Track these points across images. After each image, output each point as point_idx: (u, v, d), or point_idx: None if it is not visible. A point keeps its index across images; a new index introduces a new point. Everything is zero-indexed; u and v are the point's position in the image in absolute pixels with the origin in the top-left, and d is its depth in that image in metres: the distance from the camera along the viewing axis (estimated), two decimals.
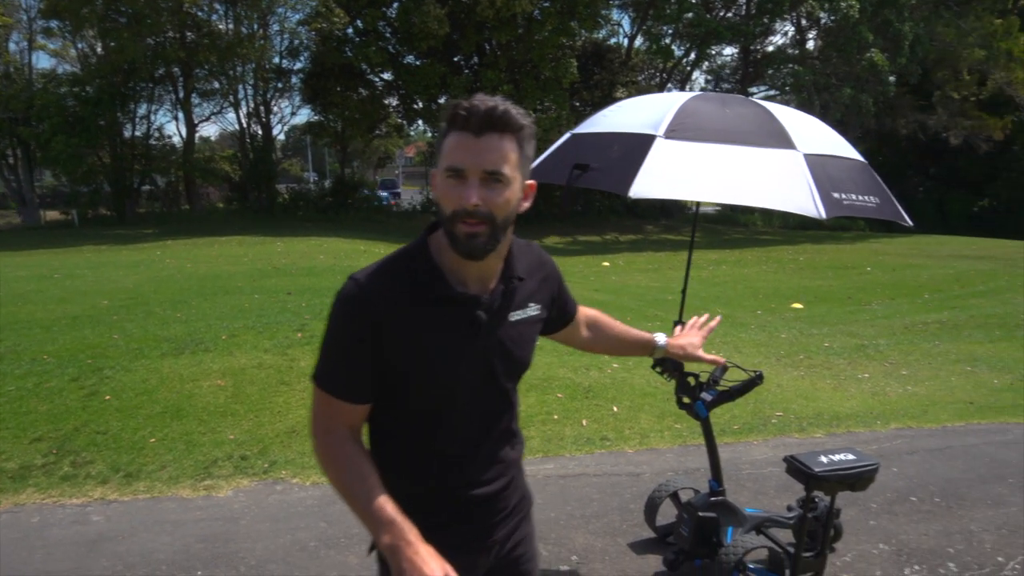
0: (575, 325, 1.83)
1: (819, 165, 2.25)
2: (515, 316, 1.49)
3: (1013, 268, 15.50)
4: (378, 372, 1.40)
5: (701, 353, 2.05)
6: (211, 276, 10.87)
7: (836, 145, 2.46)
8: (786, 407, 5.75)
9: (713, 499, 3.12)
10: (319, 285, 9.81)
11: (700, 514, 3.06)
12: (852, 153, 2.49)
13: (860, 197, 2.28)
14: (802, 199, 2.14)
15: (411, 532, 1.33)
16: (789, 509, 3.42)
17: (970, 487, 4.22)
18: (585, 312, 1.86)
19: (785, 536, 3.17)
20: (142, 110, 25.53)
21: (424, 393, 1.44)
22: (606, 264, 18.03)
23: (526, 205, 1.44)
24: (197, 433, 4.68)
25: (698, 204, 3.07)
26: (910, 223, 2.50)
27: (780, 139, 2.29)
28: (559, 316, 1.73)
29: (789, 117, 2.44)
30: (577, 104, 25.62)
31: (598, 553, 3.33)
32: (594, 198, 28.93)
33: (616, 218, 29.73)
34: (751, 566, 3.00)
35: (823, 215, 2.09)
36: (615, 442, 4.79)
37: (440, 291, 1.39)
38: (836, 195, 2.19)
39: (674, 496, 3.46)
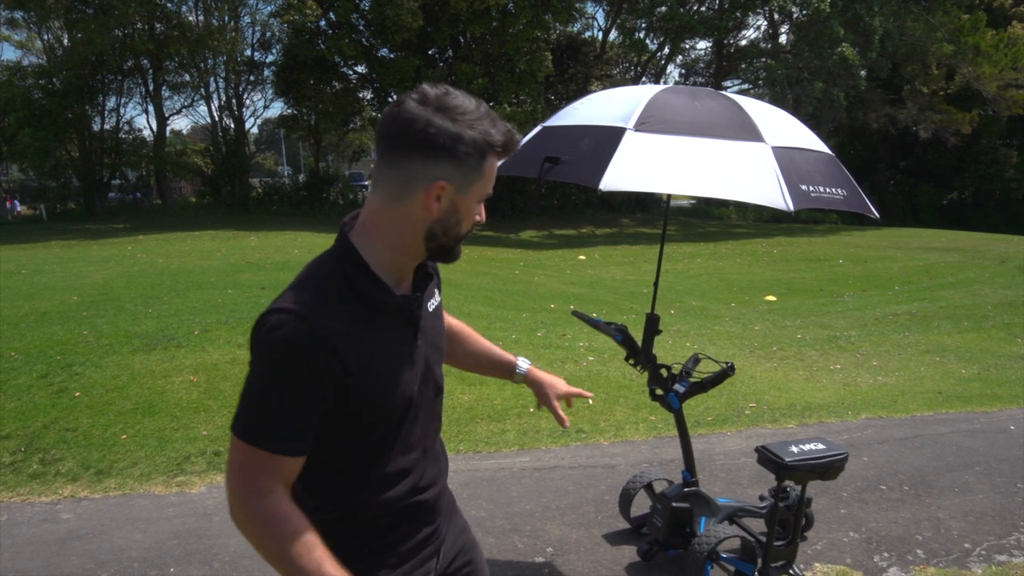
0: (450, 332, 1.76)
1: (787, 158, 2.28)
2: (431, 305, 1.43)
3: (981, 260, 15.81)
4: (333, 408, 1.24)
5: (560, 389, 1.82)
6: (183, 271, 10.73)
7: (804, 138, 2.48)
8: (759, 398, 5.82)
9: (686, 489, 3.15)
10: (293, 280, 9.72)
11: (674, 504, 3.09)
12: (820, 146, 2.52)
13: (828, 189, 2.31)
14: (770, 191, 2.16)
15: None
16: (761, 499, 3.47)
17: (938, 475, 4.30)
18: (454, 323, 1.75)
19: (758, 525, 3.22)
20: (111, 103, 25.16)
21: (384, 410, 1.31)
22: (582, 257, 18.10)
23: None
24: (169, 429, 4.62)
25: (669, 197, 3.10)
26: (876, 215, 2.53)
27: (749, 132, 2.31)
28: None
29: (758, 110, 2.46)
30: (552, 97, 25.63)
31: (573, 544, 3.35)
32: (570, 192, 29.01)
33: (592, 212, 29.84)
34: (724, 555, 3.04)
35: (791, 207, 2.12)
36: (590, 434, 4.82)
37: (384, 299, 1.28)
38: (804, 187, 2.22)
39: (648, 487, 3.48)
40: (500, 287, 11.83)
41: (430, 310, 1.42)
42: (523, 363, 1.82)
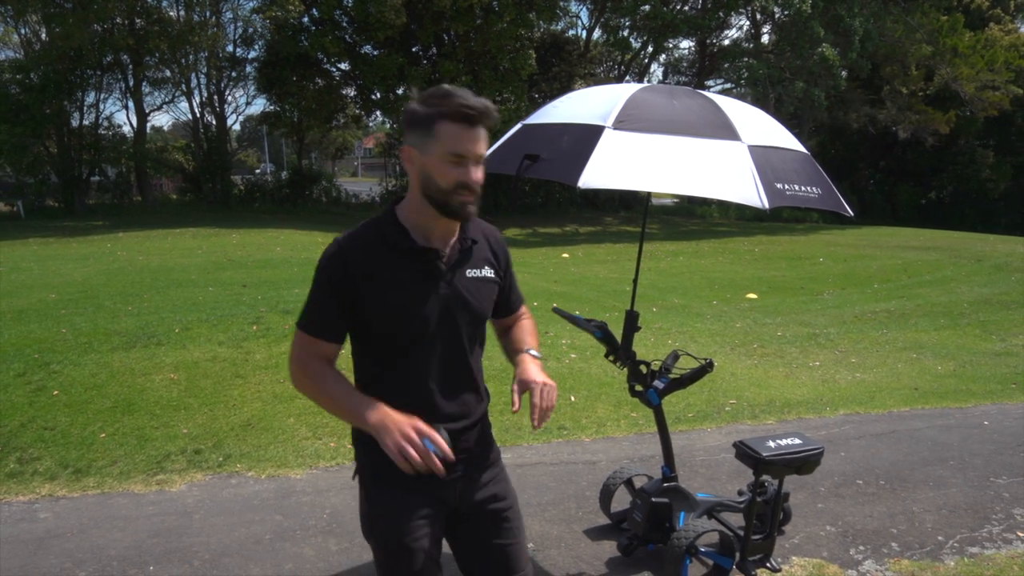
0: (508, 323, 2.02)
1: (763, 156, 2.31)
2: (471, 273, 1.78)
3: (958, 259, 16.02)
4: (355, 313, 1.69)
5: (523, 377, 1.85)
6: (164, 269, 10.64)
7: (780, 137, 2.52)
8: (739, 395, 5.87)
9: (665, 485, 3.18)
10: (275, 277, 9.68)
11: (653, 500, 3.12)
12: (796, 145, 2.55)
13: (803, 188, 2.34)
14: (746, 189, 2.19)
15: (382, 406, 1.62)
16: (740, 494, 3.51)
17: (913, 470, 4.37)
18: (527, 319, 2.05)
19: (736, 520, 3.26)
20: (90, 98, 24.72)
21: (394, 329, 1.71)
22: (565, 255, 18.13)
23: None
24: (149, 427, 4.60)
25: (649, 195, 3.12)
26: (851, 213, 2.57)
27: (725, 131, 2.34)
28: (505, 301, 1.95)
29: (735, 109, 2.49)
30: (536, 96, 25.61)
31: (554, 540, 3.37)
32: (554, 190, 29.03)
33: (576, 210, 29.88)
34: (703, 549, 3.08)
35: (766, 205, 2.15)
36: (572, 431, 4.84)
37: (406, 244, 1.69)
38: (779, 185, 2.25)
39: (628, 483, 3.51)
40: None
41: (468, 275, 1.77)
42: (531, 351, 1.95)
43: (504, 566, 1.87)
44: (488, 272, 1.82)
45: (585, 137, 2.29)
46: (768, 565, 3.07)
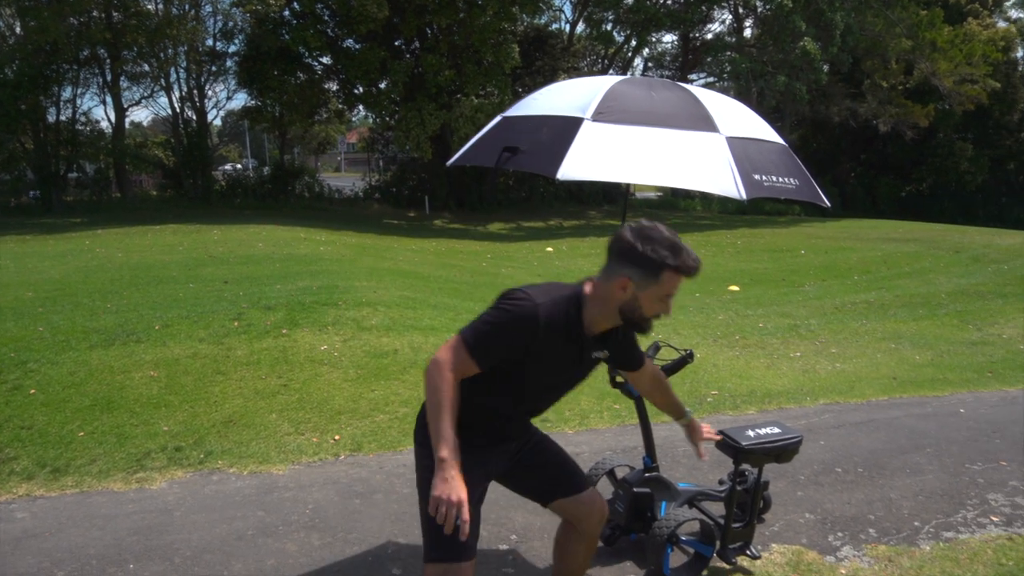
0: (641, 374, 2.51)
1: (741, 148, 2.32)
2: (595, 355, 2.19)
3: (936, 250, 16.21)
4: (511, 365, 2.02)
5: (699, 434, 2.65)
6: (144, 266, 10.54)
7: (758, 128, 2.53)
8: (721, 386, 5.92)
9: (647, 475, 3.20)
10: (257, 273, 9.62)
11: (634, 490, 3.14)
12: (774, 136, 2.57)
13: (780, 179, 2.36)
14: (724, 180, 2.20)
15: (457, 460, 1.89)
16: (720, 483, 3.54)
17: (891, 457, 4.43)
18: (650, 369, 2.54)
19: (717, 509, 3.28)
20: (67, 93, 24.37)
21: (528, 387, 2.13)
22: (549, 249, 18.15)
23: None
24: (129, 425, 4.56)
25: (628, 187, 3.13)
26: (827, 204, 2.60)
27: (704, 122, 2.35)
28: (630, 360, 2.43)
29: (713, 101, 2.50)
30: (520, 90, 25.56)
31: (537, 532, 3.39)
32: (538, 184, 29.05)
33: (560, 204, 29.93)
34: (684, 538, 3.10)
35: (743, 196, 2.16)
36: (555, 423, 4.86)
37: (576, 333, 2.05)
38: (757, 177, 2.27)
39: (610, 473, 3.53)
40: (467, 279, 11.84)
41: (592, 357, 2.18)
42: (689, 412, 2.65)
43: (557, 462, 2.40)
44: (602, 354, 2.22)
45: (564, 129, 2.29)
46: (748, 553, 3.10)
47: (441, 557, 2.06)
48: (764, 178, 2.30)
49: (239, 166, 39.38)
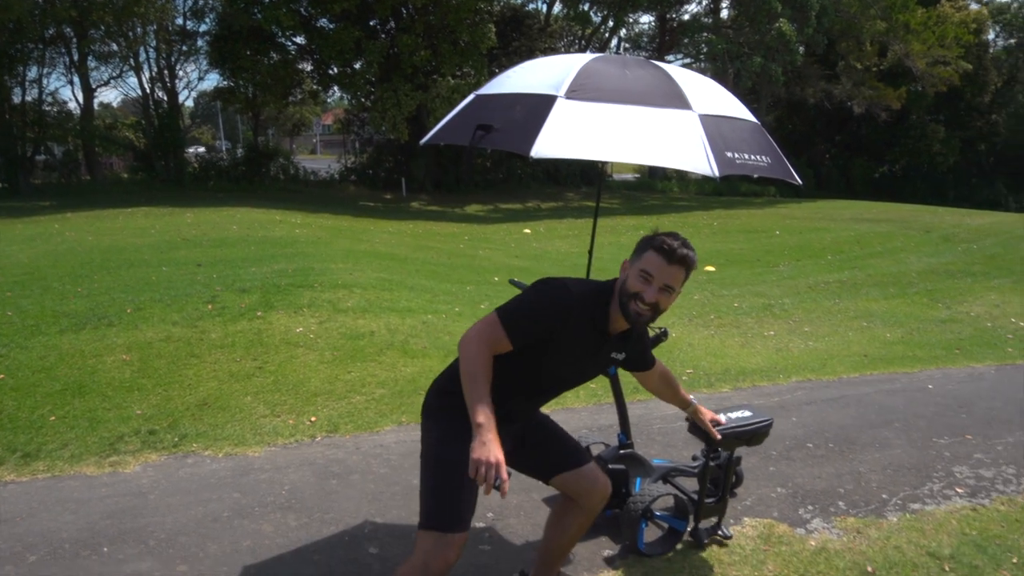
0: (651, 374, 2.67)
1: (713, 125, 2.33)
2: (613, 355, 2.35)
3: (908, 230, 16.44)
4: (538, 343, 2.14)
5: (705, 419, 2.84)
6: (115, 249, 10.37)
7: (731, 107, 2.54)
8: (696, 364, 5.98)
9: (622, 452, 3.23)
10: (231, 256, 9.52)
11: (610, 466, 3.17)
12: (746, 114, 2.58)
13: (752, 156, 2.38)
14: (696, 158, 2.21)
15: (494, 425, 1.98)
16: (694, 459, 3.59)
17: (860, 432, 4.51)
18: (661, 368, 2.70)
19: (691, 484, 3.33)
20: (32, 73, 23.85)
21: (551, 366, 2.22)
22: (527, 231, 18.15)
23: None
24: (101, 409, 4.50)
25: (603, 166, 3.13)
26: (799, 181, 2.62)
27: (677, 100, 2.35)
28: (638, 361, 2.58)
29: (686, 79, 2.51)
30: (496, 70, 25.37)
31: (513, 509, 3.41)
32: (516, 166, 28.96)
33: (538, 185, 29.88)
34: (658, 513, 3.14)
35: (716, 173, 2.18)
36: None
37: (601, 327, 2.21)
38: (729, 154, 2.28)
39: (586, 451, 3.56)
40: (445, 261, 11.80)
41: (611, 355, 2.35)
42: (693, 400, 2.82)
43: (557, 438, 2.52)
44: (619, 355, 2.38)
45: (538, 107, 2.28)
46: (719, 533, 3.15)
47: (435, 526, 2.11)
48: (736, 155, 2.31)
49: (202, 149, 38.51)
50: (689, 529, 3.11)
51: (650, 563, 3.00)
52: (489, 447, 1.94)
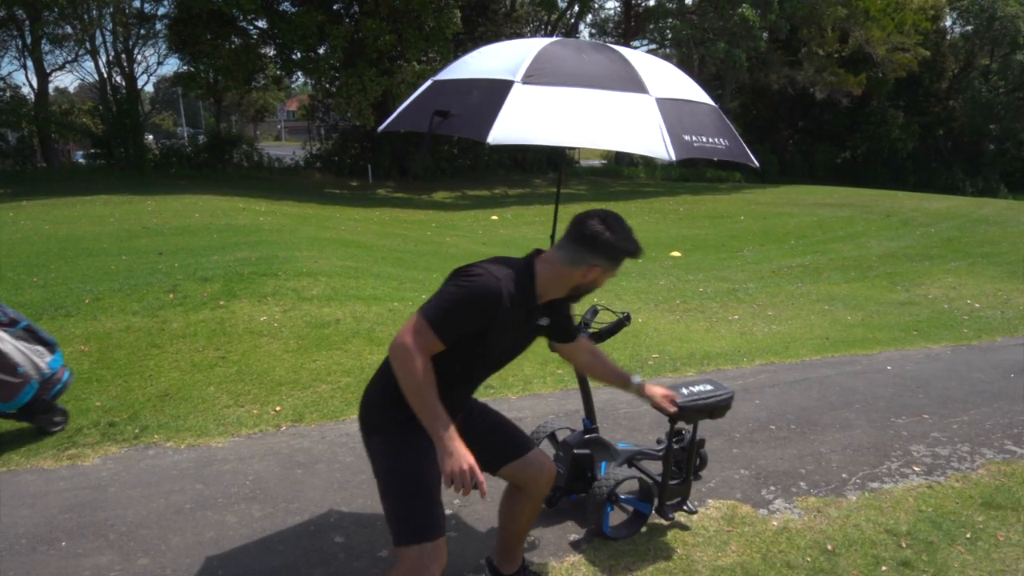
0: (578, 349, 2.58)
1: (670, 109, 2.34)
2: (541, 322, 2.30)
3: (868, 214, 16.75)
4: (474, 336, 2.08)
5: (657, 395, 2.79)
6: (72, 238, 10.12)
7: (688, 90, 2.55)
8: (662, 349, 6.04)
9: (587, 436, 3.25)
10: (193, 244, 9.35)
11: (575, 451, 3.19)
12: (703, 98, 2.59)
13: (710, 139, 2.39)
14: (653, 142, 2.22)
15: (454, 430, 2.00)
16: (659, 442, 3.63)
17: (822, 414, 4.60)
18: (586, 344, 2.62)
19: (656, 468, 3.36)
20: None
21: (489, 351, 2.18)
22: (494, 218, 18.12)
23: None
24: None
25: (565, 151, 3.13)
26: (756, 164, 2.64)
27: (634, 84, 2.36)
28: (566, 333, 2.51)
29: (643, 63, 2.51)
30: (462, 55, 25.22)
31: (477, 495, 3.42)
32: (482, 152, 28.83)
33: (505, 172, 29.81)
34: (623, 497, 3.17)
35: (673, 157, 2.19)
36: (499, 389, 4.89)
37: (531, 303, 2.18)
38: (687, 138, 2.29)
39: (552, 436, 3.58)
40: (411, 248, 11.74)
41: (539, 323, 2.30)
42: (636, 378, 2.69)
43: (499, 428, 2.49)
44: (544, 321, 2.32)
45: (494, 92, 2.27)
46: (685, 508, 3.19)
47: (415, 539, 2.09)
48: (694, 139, 2.32)
49: (149, 137, 37.34)
50: (654, 508, 3.15)
51: (615, 546, 3.03)
52: (457, 455, 1.97)
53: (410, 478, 2.12)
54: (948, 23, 39.81)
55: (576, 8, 31.27)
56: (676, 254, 11.87)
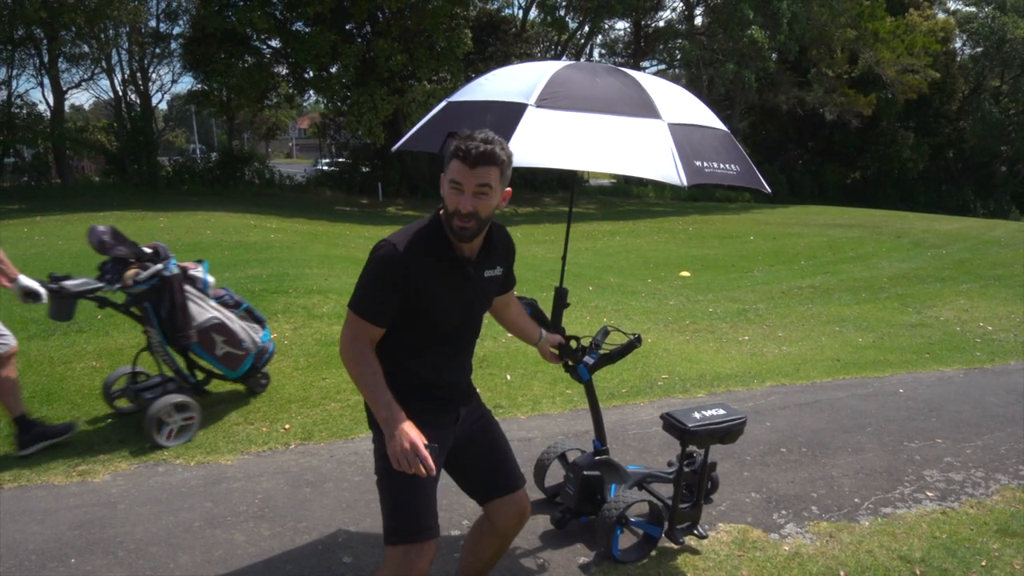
0: (510, 306, 2.56)
1: (682, 134, 2.35)
2: (488, 273, 2.21)
3: (879, 235, 16.69)
4: (401, 306, 2.05)
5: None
6: (86, 254, 10.14)
7: (700, 115, 2.56)
8: (671, 370, 6.01)
9: (597, 458, 3.24)
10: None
11: (585, 473, 3.17)
12: (716, 123, 2.60)
13: (721, 165, 2.40)
14: (665, 167, 2.23)
15: (400, 413, 1.98)
16: (669, 465, 3.61)
17: (833, 437, 4.57)
18: (516, 305, 2.60)
19: (666, 490, 3.34)
20: (1, 74, 23.45)
21: (430, 322, 2.11)
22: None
23: (504, 205, 2.11)
24: (70, 417, 4.42)
25: (576, 173, 3.15)
26: (768, 190, 2.65)
27: (646, 109, 2.37)
28: (504, 283, 2.39)
29: (656, 88, 2.53)
30: (473, 76, 25.34)
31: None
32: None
33: (514, 190, 29.74)
34: (633, 519, 3.15)
35: (684, 182, 2.20)
36: (508, 409, 4.88)
37: (445, 253, 2.07)
38: (698, 163, 2.30)
39: (562, 457, 3.57)
40: None
41: (485, 275, 2.20)
42: (542, 333, 2.78)
43: (498, 456, 2.39)
44: (498, 270, 2.26)
45: (508, 115, 2.29)
46: (695, 532, 3.17)
47: (401, 539, 2.08)
48: (705, 164, 2.33)
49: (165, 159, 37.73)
50: (664, 531, 3.12)
51: (625, 570, 3.01)
52: (399, 437, 1.94)
53: (399, 478, 2.06)
54: (958, 44, 39.88)
55: (586, 29, 31.50)
56: (685, 274, 11.85)
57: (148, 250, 4.24)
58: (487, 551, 2.48)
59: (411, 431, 1.96)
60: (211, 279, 4.62)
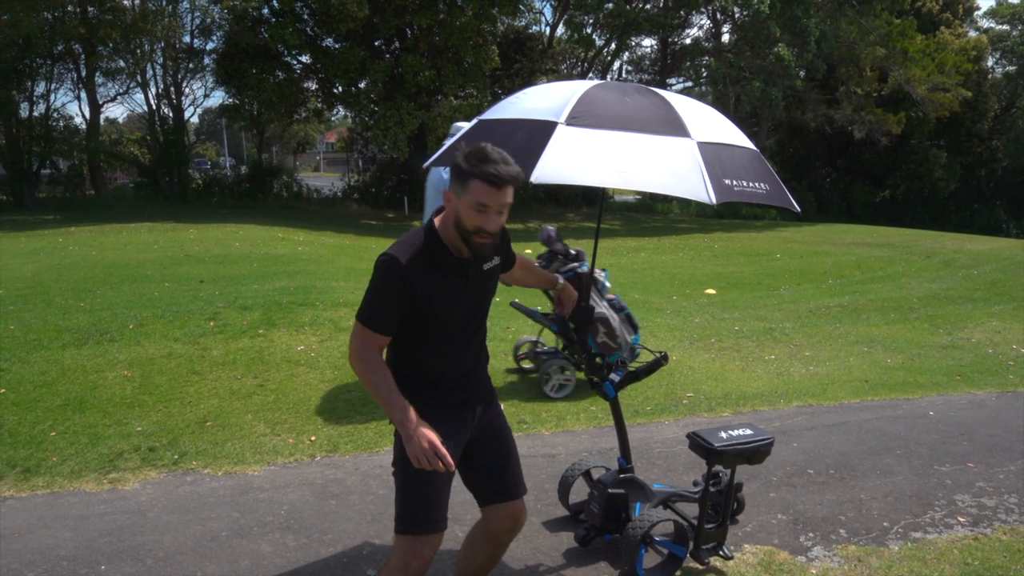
0: (514, 268, 2.64)
1: (711, 153, 2.36)
2: (487, 266, 2.27)
3: (909, 255, 16.46)
4: (406, 312, 2.12)
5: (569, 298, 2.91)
6: (118, 264, 10.41)
7: (729, 134, 2.57)
8: (697, 388, 5.97)
9: (622, 476, 3.23)
10: (234, 273, 9.54)
11: (609, 491, 3.16)
12: (745, 142, 2.61)
13: (750, 184, 2.40)
14: (694, 185, 2.24)
15: (414, 414, 2.08)
16: (695, 484, 3.58)
17: (861, 459, 4.50)
18: (521, 260, 2.70)
19: (691, 510, 3.32)
20: (40, 88, 24.03)
21: (436, 323, 2.19)
22: (528, 251, 18.13)
23: None
24: (101, 425, 4.51)
25: (605, 191, 3.16)
26: (797, 209, 2.64)
27: (675, 127, 2.39)
28: (504, 263, 2.46)
29: (685, 106, 2.54)
30: (499, 91, 25.58)
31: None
32: (518, 186, 29.00)
33: (539, 206, 29.98)
34: (658, 539, 3.13)
35: (713, 201, 2.20)
36: (532, 425, 4.88)
37: (445, 259, 2.13)
38: (727, 182, 2.31)
39: (586, 475, 3.56)
40: None
41: (484, 269, 2.25)
42: (561, 279, 2.88)
43: (505, 463, 2.45)
44: (496, 260, 2.32)
45: (539, 133, 2.32)
46: (720, 553, 3.14)
47: (409, 529, 2.18)
48: (734, 183, 2.34)
49: (195, 172, 38.48)
50: (690, 551, 3.10)
51: None
52: (416, 438, 2.05)
53: (409, 470, 2.15)
54: (990, 63, 39.39)
55: (613, 46, 31.60)
56: (711, 291, 11.77)
57: (573, 252, 5.23)
58: (479, 555, 2.53)
59: (427, 430, 2.07)
60: (608, 284, 5.36)
